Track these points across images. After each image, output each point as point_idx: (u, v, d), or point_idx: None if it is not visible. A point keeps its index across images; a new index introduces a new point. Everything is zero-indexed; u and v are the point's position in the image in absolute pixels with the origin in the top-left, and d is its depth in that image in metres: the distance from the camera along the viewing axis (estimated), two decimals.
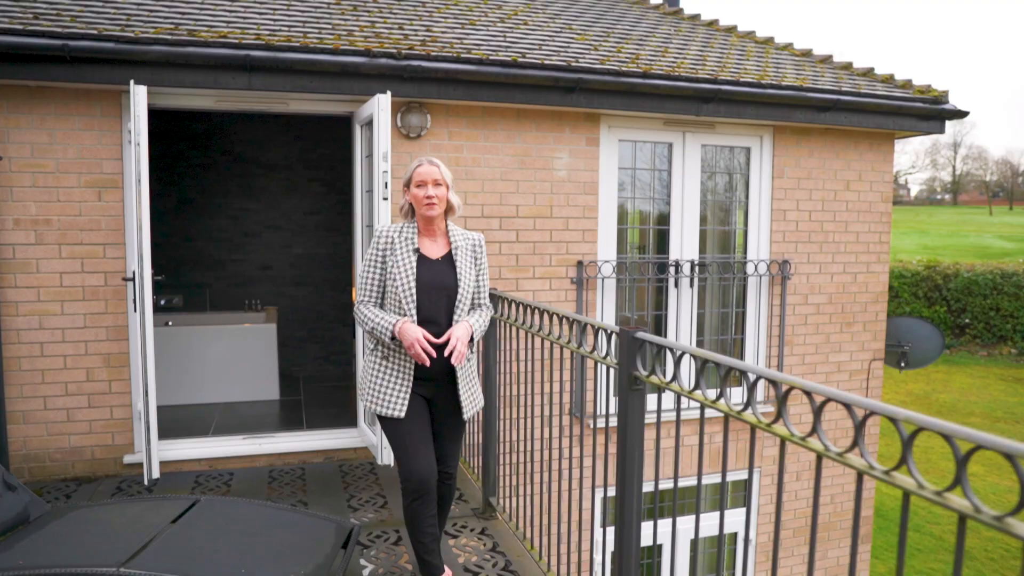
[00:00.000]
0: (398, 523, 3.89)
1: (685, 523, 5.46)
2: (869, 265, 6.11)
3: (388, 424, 2.92)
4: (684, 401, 3.36)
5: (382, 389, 2.90)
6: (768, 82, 5.30)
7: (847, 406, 1.44)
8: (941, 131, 5.99)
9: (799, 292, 5.89)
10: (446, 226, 2.99)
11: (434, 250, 2.93)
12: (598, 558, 5.38)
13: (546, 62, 4.76)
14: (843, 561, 6.36)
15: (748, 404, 1.74)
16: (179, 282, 7.69)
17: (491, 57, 4.69)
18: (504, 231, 5.02)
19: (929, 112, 5.80)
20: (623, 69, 4.90)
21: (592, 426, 3.31)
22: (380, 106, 4.14)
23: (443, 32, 5.18)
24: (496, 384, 3.81)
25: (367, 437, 4.81)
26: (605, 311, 5.33)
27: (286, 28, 4.74)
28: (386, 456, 4.37)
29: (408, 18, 5.41)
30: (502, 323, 3.68)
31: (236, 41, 4.32)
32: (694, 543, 5.74)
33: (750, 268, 5.72)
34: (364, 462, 4.91)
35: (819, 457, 1.55)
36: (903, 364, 6.44)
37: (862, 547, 6.59)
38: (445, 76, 4.58)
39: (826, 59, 6.34)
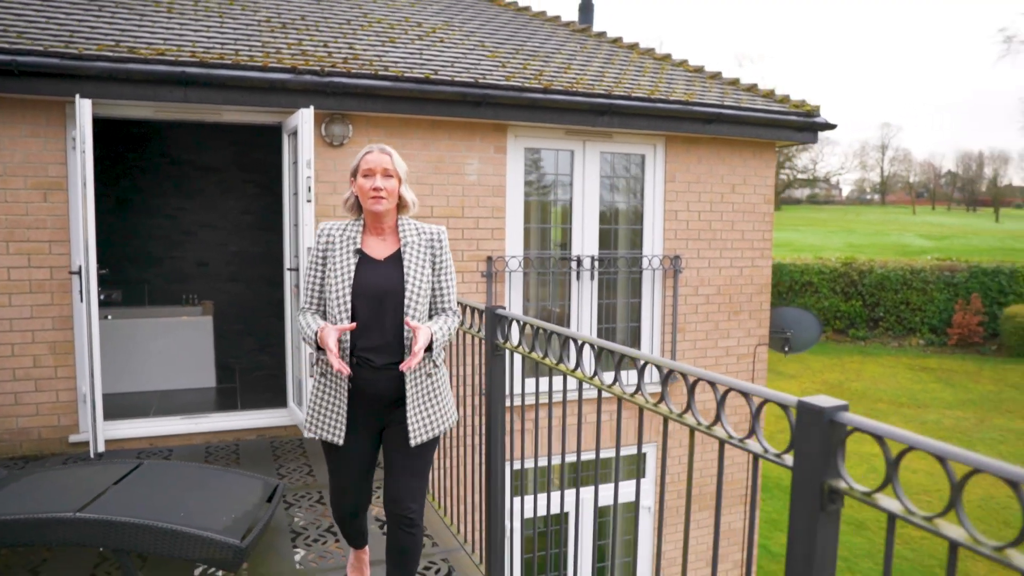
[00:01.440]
0: (322, 486, 4.42)
1: (590, 493, 6.11)
2: (753, 260, 6.85)
3: (325, 448, 2.69)
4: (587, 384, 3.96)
5: (320, 410, 2.62)
6: (658, 97, 5.98)
7: (712, 384, 1.66)
8: (814, 141, 6.77)
9: (690, 284, 6.59)
10: (396, 222, 2.63)
11: (380, 250, 2.58)
12: (508, 524, 5.99)
13: (456, 79, 5.34)
14: (735, 525, 7.11)
15: (615, 380, 2.11)
16: (118, 278, 8.04)
17: (406, 74, 5.25)
18: None
19: (803, 124, 6.56)
20: (526, 85, 5.51)
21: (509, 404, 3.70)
22: (304, 119, 4.67)
23: (365, 49, 5.71)
24: None
25: (296, 416, 5.33)
26: (513, 302, 5.94)
27: (219, 45, 5.22)
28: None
29: (333, 35, 5.93)
30: None
31: (173, 59, 4.78)
32: (596, 511, 6.40)
33: (645, 263, 6.40)
34: (294, 439, 5.42)
35: (692, 431, 1.80)
36: (787, 349, 7.21)
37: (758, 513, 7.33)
38: (364, 92, 5.12)
39: (716, 75, 7.06)
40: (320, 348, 2.49)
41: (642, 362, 1.97)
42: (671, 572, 6.88)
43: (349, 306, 2.48)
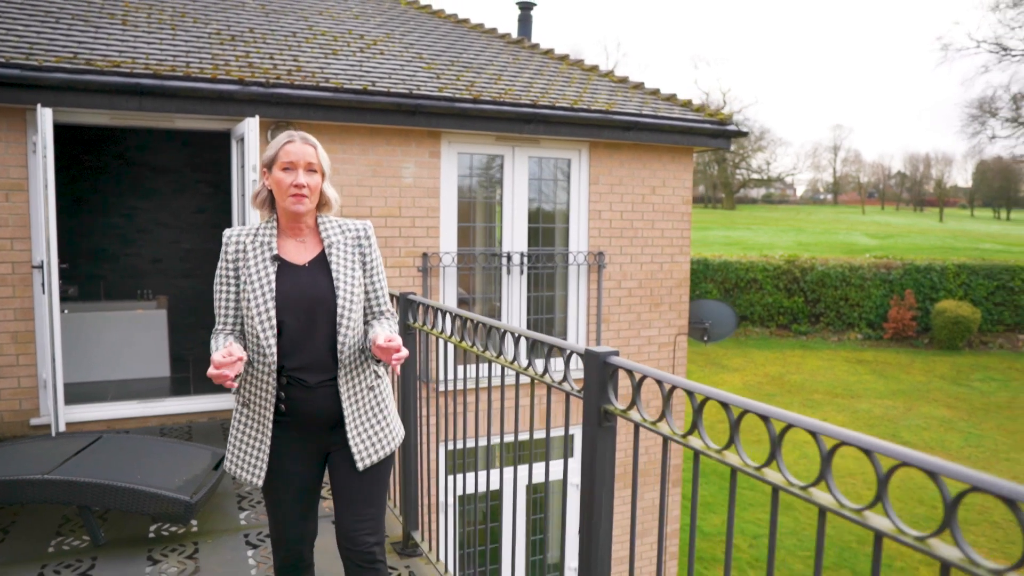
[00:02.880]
0: None
1: (524, 471, 6.64)
2: (673, 256, 7.47)
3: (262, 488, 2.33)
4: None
5: (240, 444, 2.29)
6: (581, 106, 6.55)
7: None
8: (728, 147, 7.41)
9: (613, 278, 7.18)
10: (316, 221, 2.32)
11: (301, 253, 2.26)
12: (444, 499, 6.50)
13: (392, 90, 5.84)
14: (656, 502, 7.72)
15: (530, 364, 2.31)
16: (74, 274, 8.37)
17: (346, 86, 5.74)
18: None
19: (716, 132, 7.19)
20: (457, 96, 6.04)
21: (436, 389, 4.08)
22: (250, 127, 5.14)
23: (308, 62, 6.18)
24: None
25: None
26: (447, 295, 6.46)
27: (171, 58, 5.65)
28: None
29: (279, 48, 6.38)
30: None
31: (128, 70, 5.21)
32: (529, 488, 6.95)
33: (571, 259, 6.97)
34: None
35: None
36: (706, 338, 7.84)
37: (673, 490, 7.97)
38: (307, 102, 5.59)
39: (638, 85, 7.66)
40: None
41: (568, 352, 2.10)
42: None
43: (275, 322, 2.16)
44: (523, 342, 2.35)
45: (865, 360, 21.27)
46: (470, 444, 5.64)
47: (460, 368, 6.24)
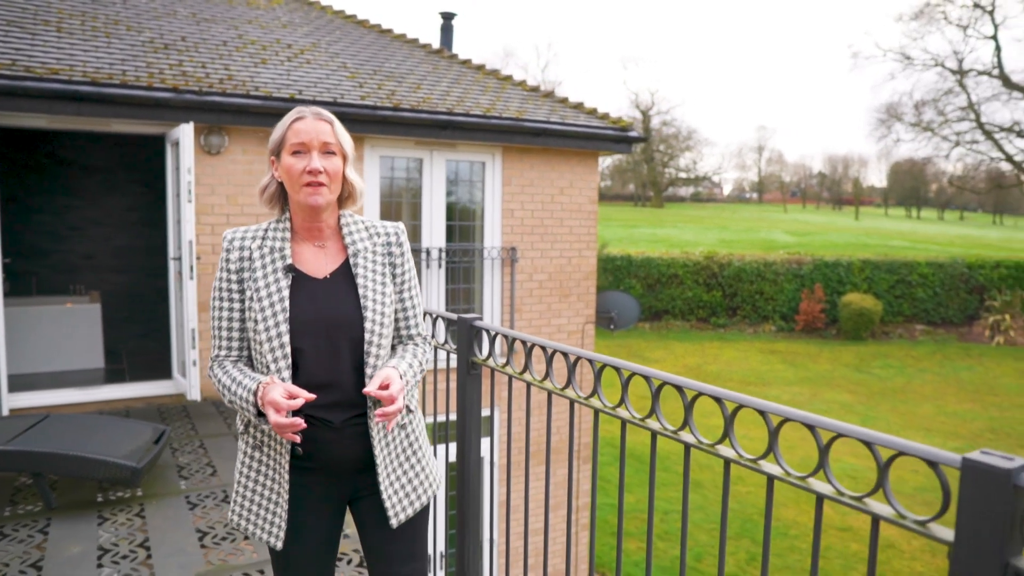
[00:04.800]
0: (203, 437, 5.37)
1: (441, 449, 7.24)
2: (581, 251, 8.16)
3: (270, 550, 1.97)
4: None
5: (251, 496, 1.91)
6: (493, 114, 7.17)
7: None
8: (629, 151, 8.15)
9: (525, 272, 7.83)
10: (339, 221, 1.93)
11: (321, 262, 1.88)
12: None
13: (318, 99, 6.35)
14: (576, 478, 8.40)
15: (446, 341, 3.36)
16: (6, 270, 8.58)
17: (275, 94, 6.22)
18: None
19: (618, 137, 7.90)
20: (379, 104, 6.58)
21: None
22: (184, 132, 5.58)
23: (239, 70, 6.63)
24: None
25: (180, 384, 6.22)
26: None
27: (107, 65, 6.04)
28: (194, 392, 5.81)
29: (211, 56, 6.81)
30: None
31: (66, 78, 5.59)
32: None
33: (486, 254, 7.59)
34: (179, 406, 6.30)
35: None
36: (612, 327, 8.57)
37: (584, 467, 8.66)
38: (238, 109, 6.05)
39: (549, 94, 8.33)
40: (262, 413, 1.74)
41: (447, 320, 2.76)
42: (515, 517, 8.10)
43: (288, 350, 1.77)
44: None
45: (778, 350, 22.55)
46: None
47: None
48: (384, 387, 1.74)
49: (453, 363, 2.69)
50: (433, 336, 2.79)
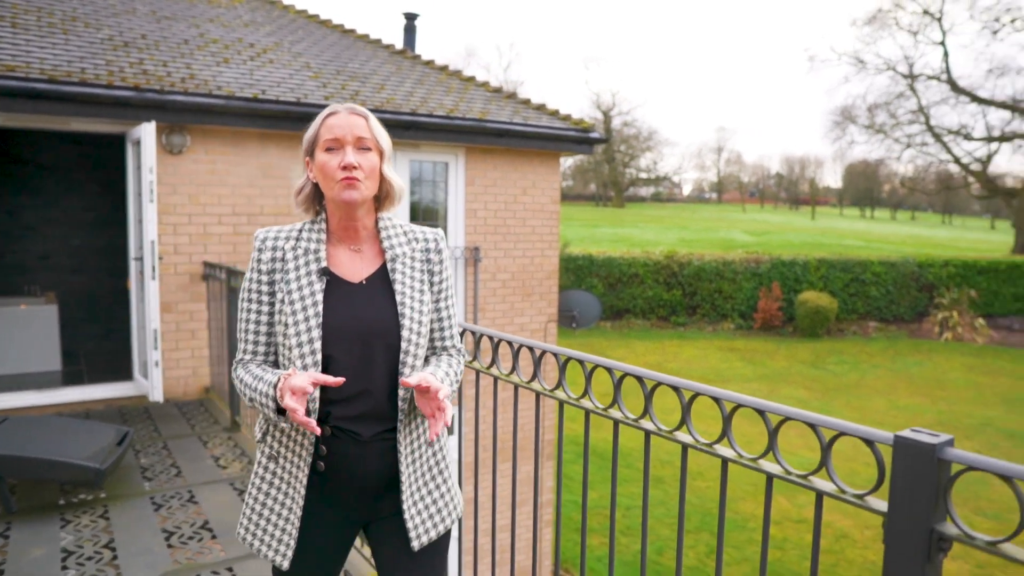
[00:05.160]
0: (167, 438, 5.34)
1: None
2: (543, 251, 8.26)
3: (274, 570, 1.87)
4: None
5: (260, 509, 1.81)
6: (457, 115, 7.22)
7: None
8: (591, 152, 8.27)
9: (489, 271, 7.90)
10: (376, 223, 1.85)
11: (356, 266, 1.79)
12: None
13: (281, 98, 6.35)
14: (532, 474, 8.50)
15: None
16: None
17: (237, 94, 6.20)
18: (251, 225, 6.56)
19: (580, 139, 8.02)
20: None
21: None
22: (146, 132, 5.55)
23: (201, 69, 6.59)
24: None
25: (141, 385, 6.17)
26: None
27: (66, 63, 5.96)
28: (156, 394, 5.77)
29: (172, 55, 6.76)
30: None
31: (23, 75, 5.51)
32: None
33: (446, 253, 7.64)
34: (140, 407, 6.25)
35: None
36: (574, 325, 8.67)
37: (547, 463, 8.77)
38: (200, 108, 6.03)
39: (512, 95, 8.42)
40: (282, 410, 1.65)
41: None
42: (483, 515, 8.17)
43: (319, 356, 1.68)
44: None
45: (736, 348, 22.92)
46: None
47: None
48: (423, 389, 1.62)
49: None
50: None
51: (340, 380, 1.56)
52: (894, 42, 51.76)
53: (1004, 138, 33.88)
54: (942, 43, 34.83)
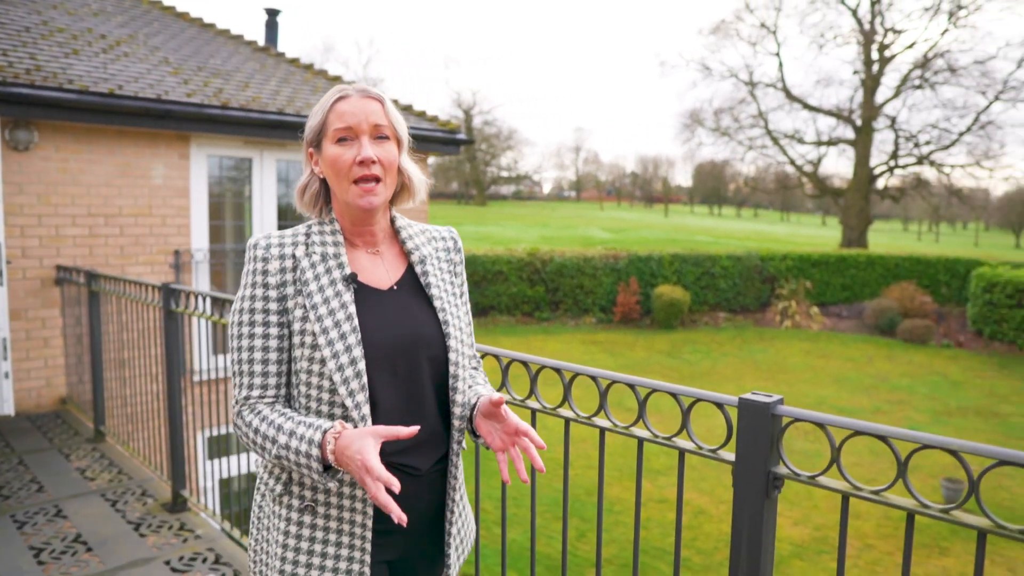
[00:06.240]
0: (22, 453, 5.06)
1: None
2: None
3: None
4: None
5: (306, 571, 1.45)
6: None
7: None
8: (457, 152, 8.46)
9: None
10: (392, 222, 1.61)
11: (379, 271, 1.54)
12: (205, 483, 6.88)
13: (140, 95, 6.13)
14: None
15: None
16: None
17: (91, 88, 5.93)
18: (109, 227, 6.29)
19: (447, 139, 8.19)
20: (206, 102, 6.45)
21: (192, 380, 4.50)
22: None
23: (48, 61, 6.24)
24: (106, 351, 5.17)
25: None
26: (201, 290, 6.83)
27: None
28: (6, 407, 5.45)
29: (12, 44, 6.36)
30: (106, 297, 5.03)
31: None
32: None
33: None
34: None
35: None
36: None
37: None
38: (49, 103, 5.72)
39: None
40: (327, 467, 1.36)
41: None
42: None
43: (365, 380, 1.40)
44: None
45: (598, 341, 23.84)
46: (231, 430, 6.11)
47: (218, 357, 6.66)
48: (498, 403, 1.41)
49: None
50: None
51: (414, 430, 1.30)
52: (736, 51, 55.43)
53: (831, 142, 37.07)
54: (777, 54, 37.65)
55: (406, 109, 8.39)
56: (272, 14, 10.01)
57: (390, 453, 1.41)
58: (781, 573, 8.73)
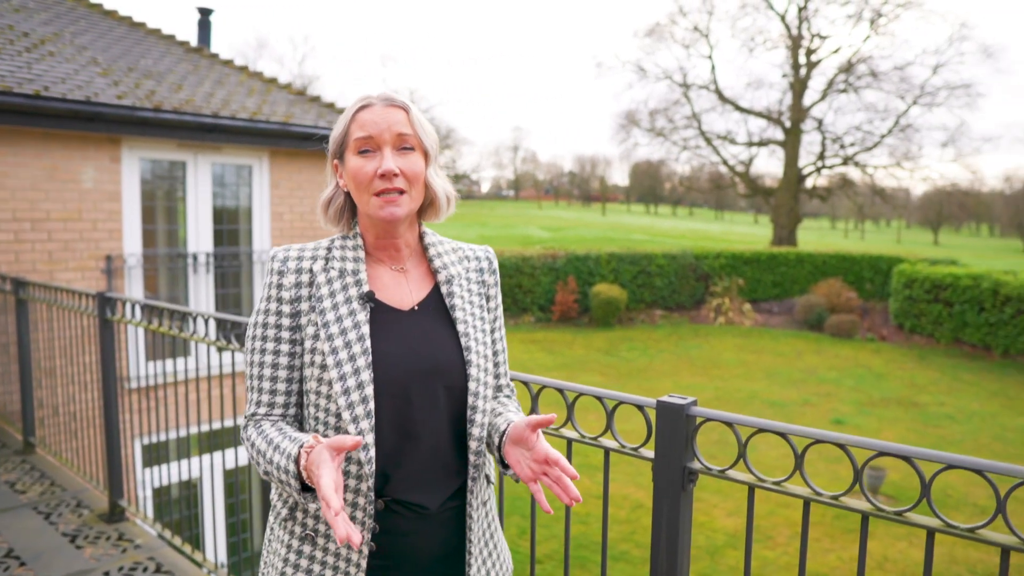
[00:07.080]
0: None
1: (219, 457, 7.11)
2: None
3: None
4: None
5: None
6: (260, 118, 7.16)
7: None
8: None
9: None
10: (420, 238, 1.53)
11: (402, 289, 1.46)
12: (142, 493, 6.77)
13: (68, 96, 6.00)
14: None
15: (219, 338, 3.45)
16: None
17: (15, 89, 5.78)
18: (36, 232, 6.14)
19: None
20: (137, 105, 6.35)
21: (128, 387, 4.47)
22: None
23: None
24: (36, 359, 5.06)
25: None
26: (134, 295, 6.72)
27: None
28: None
29: None
30: (36, 306, 4.92)
31: None
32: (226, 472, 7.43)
33: (255, 257, 7.56)
34: None
35: None
36: None
37: None
38: None
39: (315, 99, 8.44)
40: (306, 487, 1.28)
41: (221, 321, 3.16)
42: None
43: (372, 405, 1.33)
44: (211, 322, 3.09)
45: (537, 340, 24.07)
46: (168, 436, 6.04)
47: (153, 364, 6.56)
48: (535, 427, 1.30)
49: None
50: (224, 339, 2.95)
51: (359, 440, 1.17)
52: (670, 53, 56.37)
53: (762, 143, 38.16)
54: (710, 57, 38.54)
55: (343, 111, 8.37)
56: (205, 13, 9.85)
57: (393, 489, 1.35)
58: (716, 562, 9.03)
